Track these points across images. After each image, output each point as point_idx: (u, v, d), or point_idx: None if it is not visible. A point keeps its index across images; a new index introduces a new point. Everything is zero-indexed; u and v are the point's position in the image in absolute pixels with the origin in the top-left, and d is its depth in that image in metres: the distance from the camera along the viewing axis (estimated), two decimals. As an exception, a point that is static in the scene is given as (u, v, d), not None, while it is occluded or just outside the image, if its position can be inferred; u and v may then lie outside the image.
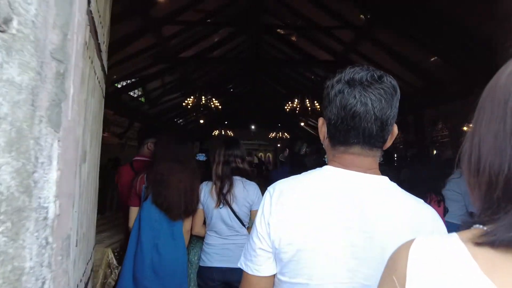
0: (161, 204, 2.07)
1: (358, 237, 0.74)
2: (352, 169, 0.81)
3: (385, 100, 0.78)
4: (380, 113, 0.78)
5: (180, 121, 21.14)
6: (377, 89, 0.78)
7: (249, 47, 13.85)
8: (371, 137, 0.79)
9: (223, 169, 2.24)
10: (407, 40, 8.42)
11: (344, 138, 0.80)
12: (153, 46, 10.52)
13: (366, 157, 0.81)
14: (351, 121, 0.78)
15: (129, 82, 12.11)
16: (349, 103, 0.78)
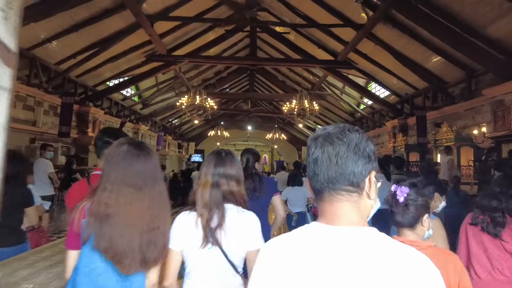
0: (105, 250, 1.23)
1: None
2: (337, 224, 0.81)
3: (344, 145, 0.83)
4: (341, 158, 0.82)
5: (175, 121, 20.74)
6: (336, 139, 0.84)
7: (246, 46, 13.51)
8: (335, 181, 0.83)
9: (212, 194, 1.54)
10: (410, 39, 8.10)
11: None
12: (145, 44, 10.14)
13: (336, 203, 0.83)
14: (316, 167, 0.84)
15: (121, 81, 11.69)
16: (314, 153, 0.85)
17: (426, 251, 1.12)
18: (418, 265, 0.73)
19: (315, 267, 0.75)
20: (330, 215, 0.82)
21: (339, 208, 0.81)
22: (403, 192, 1.49)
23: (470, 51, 6.59)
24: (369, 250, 0.74)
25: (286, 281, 0.77)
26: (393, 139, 10.99)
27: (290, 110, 11.69)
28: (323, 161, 0.82)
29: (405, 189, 1.50)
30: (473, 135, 6.43)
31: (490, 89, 6.70)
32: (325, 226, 0.81)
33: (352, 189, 0.82)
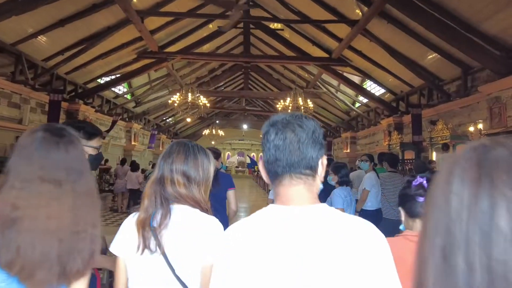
0: (9, 263, 0.88)
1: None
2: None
3: (303, 132, 0.87)
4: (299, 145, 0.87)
5: (169, 120, 20.51)
6: (295, 125, 0.88)
7: (240, 43, 13.32)
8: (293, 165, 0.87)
9: (155, 190, 1.24)
10: (405, 35, 7.96)
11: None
12: (136, 40, 9.93)
13: (295, 186, 0.87)
14: (276, 153, 0.88)
15: (112, 78, 11.46)
16: (274, 143, 0.88)
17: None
18: (367, 231, 0.81)
19: (278, 246, 0.79)
20: (288, 197, 0.86)
21: (297, 191, 0.87)
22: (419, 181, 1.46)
23: (467, 47, 6.45)
24: (325, 223, 0.81)
25: (248, 262, 0.80)
26: (388, 137, 10.87)
27: (284, 108, 11.52)
28: (285, 147, 0.86)
29: (423, 179, 1.46)
30: (469, 132, 6.30)
31: (486, 86, 6.58)
32: (283, 207, 0.86)
33: (309, 173, 0.88)
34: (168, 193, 1.24)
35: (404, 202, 1.48)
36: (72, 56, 8.70)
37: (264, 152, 0.91)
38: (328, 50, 10.97)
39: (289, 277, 0.77)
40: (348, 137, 15.51)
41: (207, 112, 21.18)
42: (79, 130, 1.67)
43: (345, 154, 15.55)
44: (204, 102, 11.18)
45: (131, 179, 9.50)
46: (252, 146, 37.74)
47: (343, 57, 10.76)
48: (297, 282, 0.76)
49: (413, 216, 1.43)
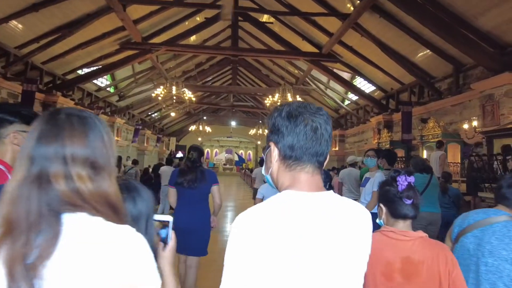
0: None
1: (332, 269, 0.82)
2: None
3: (327, 125, 0.90)
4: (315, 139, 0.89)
5: (155, 115, 19.97)
6: (321, 116, 0.90)
7: (228, 37, 12.93)
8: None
9: (28, 197, 0.67)
10: (398, 31, 7.76)
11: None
12: (118, 30, 9.45)
13: (311, 175, 0.90)
14: (307, 143, 0.88)
15: (93, 69, 10.93)
16: (304, 127, 0.88)
17: (416, 242, 1.33)
18: (362, 212, 0.92)
19: (309, 230, 0.81)
20: (308, 184, 0.88)
21: (318, 179, 0.90)
22: (404, 181, 1.37)
23: (460, 42, 6.27)
24: (338, 207, 0.88)
25: (269, 251, 0.78)
26: (377, 135, 10.70)
27: (273, 104, 11.23)
28: (318, 137, 0.87)
29: (411, 178, 1.37)
30: (463, 130, 6.14)
31: (479, 83, 6.41)
32: (309, 194, 0.86)
33: (323, 164, 0.91)
34: (56, 197, 0.68)
35: (388, 201, 1.40)
36: (48, 44, 8.19)
37: (287, 135, 0.88)
38: (318, 45, 10.72)
39: (317, 256, 0.81)
40: (337, 135, 15.33)
41: (194, 108, 20.75)
42: (15, 115, 1.41)
43: (333, 152, 15.38)
44: (189, 97, 10.77)
45: None
46: (241, 143, 37.39)
47: (333, 53, 10.53)
48: (319, 265, 0.80)
49: (397, 217, 1.38)
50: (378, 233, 1.37)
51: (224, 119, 24.32)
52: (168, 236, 0.98)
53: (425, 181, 3.81)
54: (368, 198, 3.68)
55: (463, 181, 5.96)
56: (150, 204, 1.01)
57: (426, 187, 3.75)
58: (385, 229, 1.39)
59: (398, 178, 1.37)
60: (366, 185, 3.79)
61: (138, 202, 0.98)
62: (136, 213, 0.96)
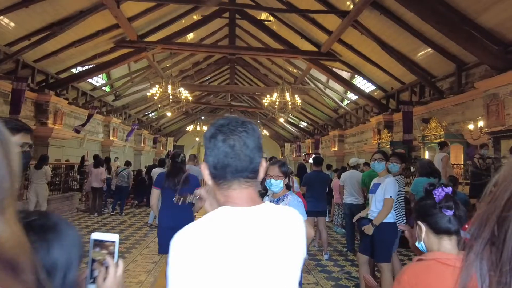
0: None
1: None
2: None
3: (250, 143, 0.90)
4: (248, 153, 0.90)
5: (152, 115, 19.73)
6: (243, 136, 0.89)
7: (226, 36, 12.71)
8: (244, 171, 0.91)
9: None
10: (398, 28, 7.56)
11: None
12: (113, 27, 9.22)
13: (245, 189, 0.92)
14: (225, 159, 0.89)
15: (87, 68, 10.70)
16: (223, 150, 0.88)
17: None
18: (295, 219, 0.95)
19: (239, 245, 0.83)
20: (240, 200, 0.90)
21: (247, 193, 0.91)
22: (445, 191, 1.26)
23: (463, 40, 6.07)
24: (275, 220, 0.90)
25: (210, 264, 0.80)
26: (377, 136, 10.51)
27: (271, 103, 11.01)
28: (235, 154, 0.88)
29: (448, 189, 1.26)
30: (468, 130, 5.94)
31: (483, 82, 6.22)
32: (238, 208, 0.89)
33: (255, 176, 0.92)
34: None
35: (426, 216, 1.25)
36: (39, 41, 7.95)
37: (210, 156, 0.90)
38: (317, 44, 10.51)
39: (250, 270, 0.83)
40: (336, 135, 15.15)
41: (192, 108, 20.51)
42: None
43: (332, 153, 15.18)
44: (186, 96, 10.55)
45: (94, 176, 8.46)
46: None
47: (332, 51, 10.33)
48: (258, 273, 0.83)
49: (439, 232, 1.23)
50: (434, 263, 1.16)
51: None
52: (115, 260, 0.76)
53: None
54: (380, 206, 3.34)
55: (467, 184, 5.76)
56: (75, 250, 0.70)
57: None
58: (439, 255, 1.18)
59: (434, 191, 1.25)
60: (376, 192, 3.39)
61: (54, 247, 0.67)
62: (50, 264, 0.65)
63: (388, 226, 3.31)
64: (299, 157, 21.42)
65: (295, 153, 22.49)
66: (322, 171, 5.68)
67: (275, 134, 26.57)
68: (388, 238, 3.31)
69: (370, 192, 3.51)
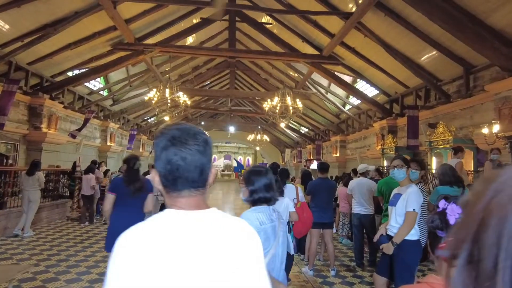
0: None
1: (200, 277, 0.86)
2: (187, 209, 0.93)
3: (200, 152, 0.92)
4: (197, 163, 0.92)
5: (151, 120, 19.49)
6: (193, 145, 0.91)
7: (226, 40, 12.50)
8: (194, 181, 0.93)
9: None
10: (403, 30, 7.31)
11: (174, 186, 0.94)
12: (110, 29, 9.00)
13: (194, 197, 0.94)
14: (176, 172, 0.91)
15: (84, 71, 10.45)
16: (172, 159, 0.90)
17: None
18: (245, 229, 0.95)
19: (178, 248, 0.85)
20: (186, 205, 0.91)
21: (195, 201, 0.93)
22: (454, 212, 1.12)
23: (473, 41, 5.81)
24: (217, 225, 0.91)
25: (149, 264, 0.81)
26: (381, 141, 10.20)
27: (272, 108, 10.74)
28: (186, 167, 0.90)
29: (457, 208, 1.12)
30: (482, 135, 5.63)
31: (494, 84, 5.93)
32: (182, 212, 0.91)
33: (204, 184, 0.95)
34: None
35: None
36: (32, 42, 7.70)
37: (160, 166, 0.91)
38: (318, 48, 10.28)
39: (188, 272, 0.84)
40: (338, 141, 14.85)
41: (192, 113, 20.26)
42: None
43: (334, 159, 14.87)
44: (184, 100, 10.28)
45: (85, 183, 8.05)
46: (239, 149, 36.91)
47: (334, 55, 10.09)
48: (195, 275, 0.84)
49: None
50: (424, 286, 0.93)
51: (222, 125, 23.84)
52: None
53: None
54: (400, 220, 2.90)
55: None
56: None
57: None
58: (433, 280, 0.94)
59: (447, 210, 1.10)
60: (397, 204, 2.93)
61: None
62: None
63: (410, 244, 2.85)
64: (299, 163, 21.11)
65: (296, 159, 22.18)
66: (328, 178, 5.23)
67: (275, 140, 26.29)
68: (411, 258, 2.87)
69: (390, 204, 3.05)
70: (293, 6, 9.17)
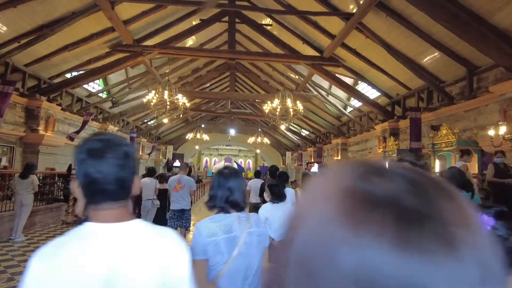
0: None
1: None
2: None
3: (119, 165, 0.90)
4: (116, 176, 0.90)
5: (151, 123, 19.38)
6: (111, 158, 0.89)
7: (225, 42, 12.41)
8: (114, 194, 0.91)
9: None
10: (405, 30, 7.18)
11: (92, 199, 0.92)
12: (108, 30, 8.91)
13: (114, 209, 0.91)
14: (92, 185, 0.89)
15: (82, 73, 10.35)
16: (89, 172, 0.88)
17: None
18: (172, 241, 0.94)
19: (95, 263, 0.82)
20: (107, 218, 0.89)
21: (115, 213, 0.90)
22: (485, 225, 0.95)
23: (477, 40, 5.68)
24: (139, 237, 0.90)
25: (65, 276, 0.80)
26: (383, 144, 10.05)
27: (272, 110, 10.60)
28: (104, 179, 0.88)
29: (490, 220, 0.95)
30: (488, 137, 5.48)
31: (499, 85, 5.80)
32: (103, 225, 0.89)
33: (126, 196, 0.94)
34: None
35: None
36: (29, 43, 7.61)
37: (80, 177, 0.90)
38: (319, 49, 10.16)
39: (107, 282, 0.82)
40: (339, 144, 14.70)
41: (192, 116, 20.16)
42: None
43: (335, 162, 14.71)
44: (183, 102, 10.16)
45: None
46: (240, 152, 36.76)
47: (335, 56, 9.97)
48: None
49: None
50: None
51: (222, 127, 23.73)
52: None
53: None
54: None
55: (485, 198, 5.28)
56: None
57: None
58: None
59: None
60: None
61: None
62: None
63: None
64: (300, 166, 20.95)
65: (297, 162, 22.02)
66: None
67: (276, 143, 26.15)
68: None
69: None
70: (292, 6, 9.06)
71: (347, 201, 0.28)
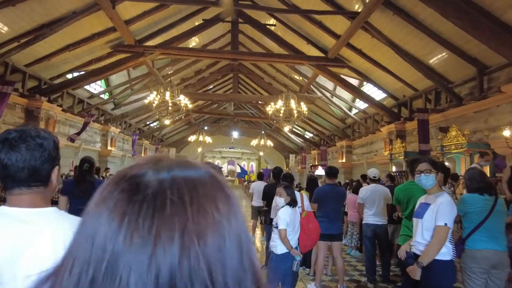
0: None
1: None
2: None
3: (30, 155, 0.96)
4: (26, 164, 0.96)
5: (153, 125, 19.26)
6: (22, 148, 0.95)
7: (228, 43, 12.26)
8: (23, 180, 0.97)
9: None
10: (412, 29, 6.98)
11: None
12: (109, 31, 8.78)
13: (25, 195, 0.97)
14: (4, 171, 0.95)
15: (82, 74, 10.23)
16: (1, 158, 0.95)
17: None
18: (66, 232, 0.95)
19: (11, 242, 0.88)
20: (18, 202, 0.96)
21: (26, 199, 0.97)
22: None
23: (489, 37, 5.45)
24: (46, 223, 0.93)
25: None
26: (389, 146, 9.82)
27: (276, 112, 10.41)
28: (13, 167, 0.94)
29: None
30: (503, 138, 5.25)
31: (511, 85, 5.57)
32: (12, 208, 0.96)
33: (39, 184, 0.99)
34: None
35: None
36: (28, 42, 7.48)
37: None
38: (324, 50, 9.98)
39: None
40: (344, 146, 14.47)
41: (195, 118, 20.01)
42: None
43: (340, 164, 14.47)
44: (185, 103, 10.00)
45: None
46: (243, 154, 36.62)
47: (340, 57, 9.77)
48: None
49: None
50: None
51: (225, 130, 23.57)
52: None
53: (487, 206, 2.68)
54: (428, 236, 2.41)
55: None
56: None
57: (488, 214, 2.64)
58: None
59: None
60: (424, 216, 2.45)
61: None
62: None
63: (441, 266, 2.36)
64: (303, 169, 20.70)
65: (301, 164, 21.78)
66: (337, 184, 4.72)
67: (279, 145, 25.92)
68: (442, 282, 2.39)
69: (415, 216, 2.56)
70: (296, 5, 8.89)
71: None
